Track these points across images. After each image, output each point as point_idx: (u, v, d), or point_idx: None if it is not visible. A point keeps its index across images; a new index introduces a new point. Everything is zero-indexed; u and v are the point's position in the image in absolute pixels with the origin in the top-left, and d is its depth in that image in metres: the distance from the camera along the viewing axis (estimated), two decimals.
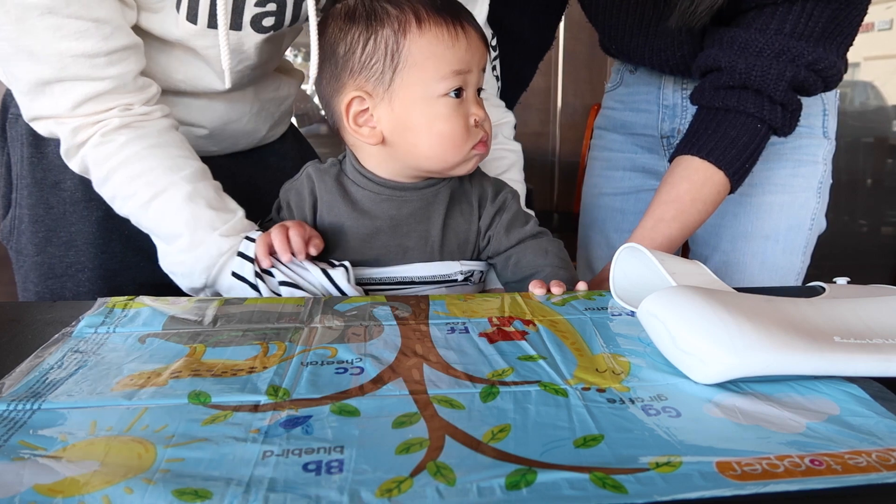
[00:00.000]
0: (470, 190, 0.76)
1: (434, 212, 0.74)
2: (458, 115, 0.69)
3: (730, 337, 0.43)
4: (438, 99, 0.68)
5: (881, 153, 2.78)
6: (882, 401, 0.42)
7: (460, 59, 0.68)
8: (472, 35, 0.69)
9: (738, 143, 0.82)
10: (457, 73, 0.68)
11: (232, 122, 0.88)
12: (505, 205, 0.77)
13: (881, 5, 2.58)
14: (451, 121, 0.69)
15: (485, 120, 0.71)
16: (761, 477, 0.33)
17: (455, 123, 0.69)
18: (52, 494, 0.31)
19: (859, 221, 2.87)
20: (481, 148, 0.71)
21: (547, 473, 0.33)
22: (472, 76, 0.69)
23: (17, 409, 0.40)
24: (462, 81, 0.69)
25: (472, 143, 0.70)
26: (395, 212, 0.73)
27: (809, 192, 0.99)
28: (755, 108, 0.81)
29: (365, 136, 0.70)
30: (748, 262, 1.01)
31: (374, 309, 0.58)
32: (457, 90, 0.68)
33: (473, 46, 0.69)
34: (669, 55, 0.96)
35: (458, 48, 0.68)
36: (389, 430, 0.37)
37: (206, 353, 0.49)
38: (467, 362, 0.47)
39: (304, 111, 4.83)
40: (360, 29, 0.67)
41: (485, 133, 0.71)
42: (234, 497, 0.31)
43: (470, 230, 0.76)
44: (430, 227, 0.74)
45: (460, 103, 0.69)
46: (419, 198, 0.74)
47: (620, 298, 0.61)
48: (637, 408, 0.41)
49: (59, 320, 0.55)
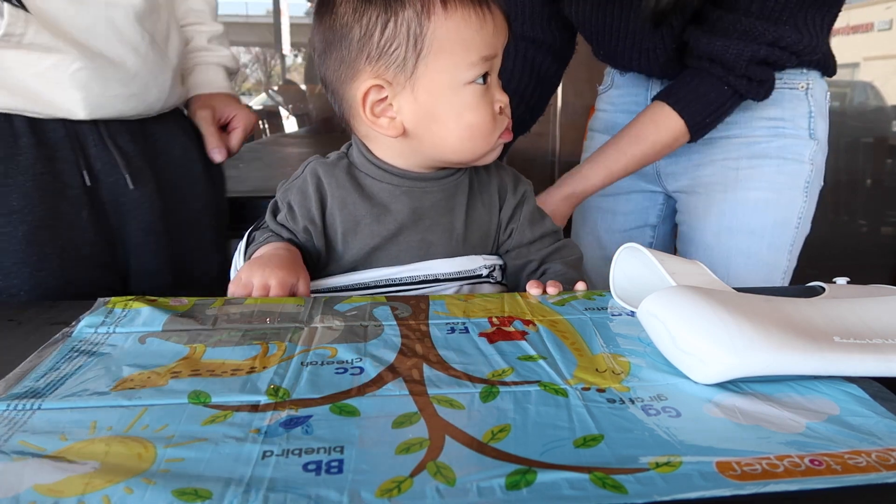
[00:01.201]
0: (488, 180, 0.74)
1: (457, 203, 0.71)
2: (485, 104, 0.66)
3: (730, 337, 0.43)
4: (465, 87, 0.64)
5: (881, 153, 2.78)
6: (882, 401, 0.42)
7: (488, 44, 0.64)
8: (499, 16, 0.65)
9: (705, 98, 0.90)
10: (485, 59, 0.64)
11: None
12: (525, 197, 0.76)
13: (881, 5, 2.58)
14: (480, 110, 0.65)
15: (507, 106, 0.68)
16: (761, 477, 0.33)
17: (483, 113, 0.66)
18: (52, 494, 0.31)
19: (859, 221, 2.87)
20: (507, 136, 0.69)
21: (547, 473, 0.33)
22: (497, 60, 0.67)
23: (17, 409, 0.40)
24: (489, 66, 0.65)
25: (499, 131, 0.68)
26: (417, 204, 0.70)
27: (795, 190, 1.00)
28: (721, 75, 0.88)
29: (384, 128, 0.66)
30: (733, 257, 1.01)
31: (375, 309, 0.58)
32: (483, 76, 0.65)
33: (500, 28, 0.65)
34: (654, 59, 0.97)
35: (485, 31, 0.64)
36: (389, 430, 0.37)
37: (206, 353, 0.49)
38: (467, 362, 0.47)
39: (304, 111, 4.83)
40: (378, 10, 0.62)
41: (509, 119, 0.69)
42: (234, 497, 0.31)
43: (492, 222, 0.74)
44: (454, 219, 0.71)
45: (486, 90, 0.66)
46: (440, 188, 0.71)
47: (620, 298, 0.61)
48: (637, 408, 0.41)
49: (59, 320, 0.55)
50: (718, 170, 1.02)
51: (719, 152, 1.02)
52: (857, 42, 0.87)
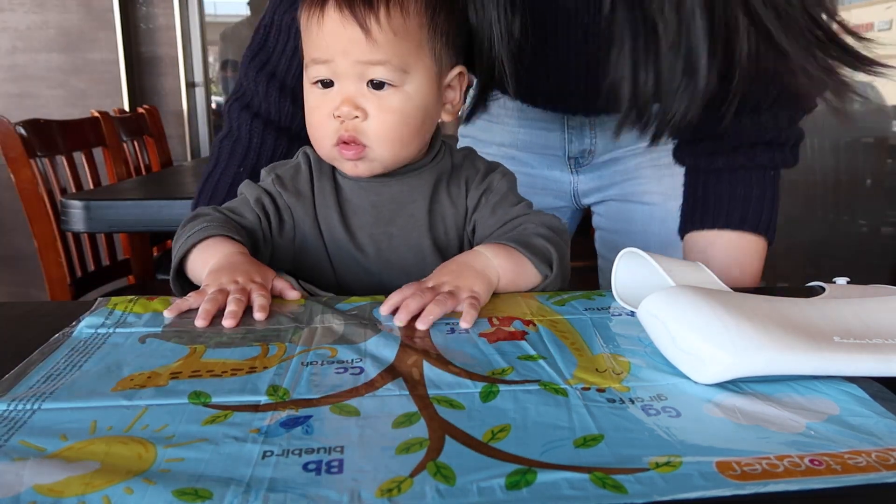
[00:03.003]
0: (459, 172, 0.73)
1: (419, 195, 0.70)
2: (322, 108, 0.64)
3: (730, 337, 0.43)
4: (310, 87, 0.66)
5: (881, 153, 2.78)
6: (882, 401, 0.42)
7: (317, 47, 0.63)
8: (335, 20, 0.62)
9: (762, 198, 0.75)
10: (315, 61, 0.64)
11: None
12: (493, 185, 0.71)
13: (881, 5, 2.57)
14: (314, 113, 0.66)
15: (353, 117, 0.63)
16: (761, 477, 0.33)
17: (317, 116, 0.65)
18: (52, 494, 0.31)
19: (859, 221, 2.87)
20: (344, 149, 0.65)
21: (547, 473, 0.33)
22: (338, 66, 0.63)
23: (17, 409, 0.40)
24: (330, 73, 0.63)
25: (330, 140, 0.65)
26: (375, 197, 0.70)
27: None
28: (768, 160, 0.75)
29: None
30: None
31: (374, 309, 0.58)
32: (323, 81, 0.64)
33: (337, 34, 0.62)
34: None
35: (312, 32, 0.63)
36: (389, 430, 0.37)
37: (206, 353, 0.49)
38: (467, 362, 0.47)
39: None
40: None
41: (347, 133, 0.64)
42: (234, 497, 0.31)
43: (458, 213, 0.72)
44: (416, 210, 0.70)
45: (326, 95, 0.64)
46: (398, 182, 0.70)
47: (621, 298, 0.61)
48: (637, 408, 0.41)
49: (60, 320, 0.55)
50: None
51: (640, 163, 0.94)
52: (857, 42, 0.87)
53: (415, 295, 0.56)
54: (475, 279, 0.60)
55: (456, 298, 0.57)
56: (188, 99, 3.12)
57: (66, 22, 2.93)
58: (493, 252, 0.64)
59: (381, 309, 0.57)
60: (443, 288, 0.58)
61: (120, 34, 2.93)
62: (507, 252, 0.64)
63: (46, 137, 1.71)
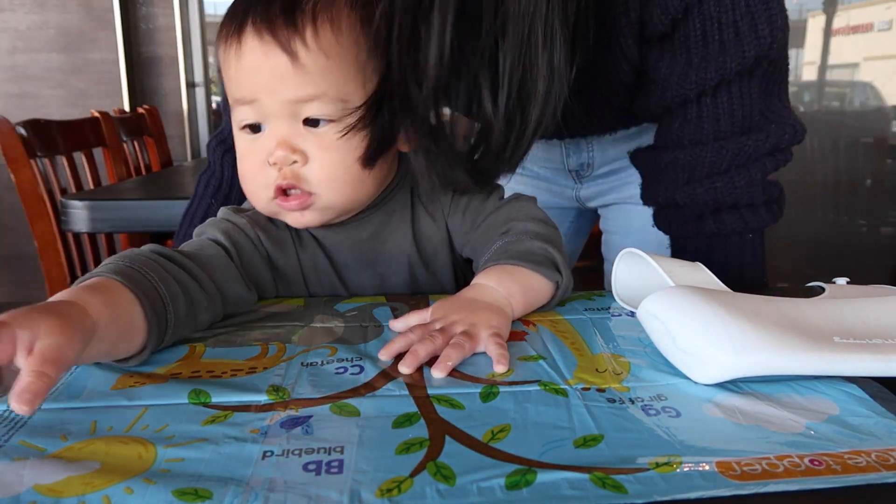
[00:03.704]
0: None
1: (399, 223, 0.64)
2: (253, 154, 0.56)
3: (730, 337, 0.43)
4: (238, 132, 0.57)
5: (881, 153, 2.78)
6: (882, 401, 0.42)
7: (240, 85, 0.54)
8: (258, 48, 0.52)
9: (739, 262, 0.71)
10: (238, 101, 0.55)
11: None
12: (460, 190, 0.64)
13: (881, 5, 2.58)
14: (245, 161, 0.57)
15: (291, 162, 0.55)
16: (761, 477, 0.33)
17: (248, 163, 0.57)
18: (52, 494, 0.31)
19: (859, 221, 2.87)
20: (284, 202, 0.56)
21: (547, 473, 0.33)
22: (265, 106, 0.54)
23: None
24: (256, 114, 0.54)
25: (267, 192, 0.56)
26: (354, 239, 0.63)
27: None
28: (738, 225, 0.70)
29: None
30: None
31: (374, 309, 0.58)
32: (251, 125, 0.55)
33: (259, 66, 0.53)
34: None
35: (239, 68, 0.54)
36: (389, 430, 0.37)
37: (206, 353, 0.49)
38: (467, 362, 0.47)
39: None
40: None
41: (285, 181, 0.55)
42: (234, 497, 0.31)
43: (440, 228, 0.66)
44: (401, 240, 0.64)
45: (256, 140, 0.56)
46: (370, 218, 0.63)
47: (621, 298, 0.61)
48: (637, 408, 0.41)
49: None
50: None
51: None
52: (857, 42, 0.87)
53: (424, 340, 0.47)
54: (489, 313, 0.51)
55: (475, 339, 0.48)
56: (188, 99, 3.12)
57: (66, 22, 2.93)
58: (496, 280, 0.55)
59: (382, 354, 0.48)
60: (455, 329, 0.49)
61: (120, 34, 2.93)
62: (509, 275, 0.56)
63: (47, 137, 1.71)
